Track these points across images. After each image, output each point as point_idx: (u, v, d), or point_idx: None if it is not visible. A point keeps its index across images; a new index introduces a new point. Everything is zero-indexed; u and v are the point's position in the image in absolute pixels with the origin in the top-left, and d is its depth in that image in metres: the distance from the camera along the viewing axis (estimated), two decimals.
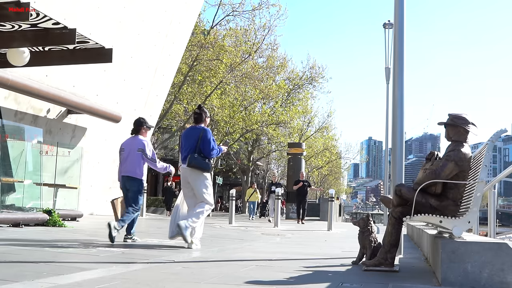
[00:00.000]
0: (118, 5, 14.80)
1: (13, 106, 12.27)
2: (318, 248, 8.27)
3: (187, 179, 7.05)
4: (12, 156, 11.63)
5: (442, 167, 4.88)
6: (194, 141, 7.00)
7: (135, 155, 7.60)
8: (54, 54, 10.18)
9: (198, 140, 6.98)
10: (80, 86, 14.07)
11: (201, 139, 6.98)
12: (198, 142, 6.98)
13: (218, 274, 4.61)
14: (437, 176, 4.83)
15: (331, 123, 47.84)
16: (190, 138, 7.08)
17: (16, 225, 9.43)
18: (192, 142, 7.03)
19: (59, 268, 4.58)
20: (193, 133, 7.08)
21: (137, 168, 7.62)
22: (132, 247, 6.94)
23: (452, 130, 5.06)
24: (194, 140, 7.02)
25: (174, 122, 29.73)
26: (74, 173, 13.74)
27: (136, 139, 7.72)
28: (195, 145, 6.97)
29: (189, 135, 7.14)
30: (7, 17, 8.21)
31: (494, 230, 7.01)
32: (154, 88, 17.73)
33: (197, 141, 6.98)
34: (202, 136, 6.99)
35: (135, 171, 7.61)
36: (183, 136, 7.27)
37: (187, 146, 7.07)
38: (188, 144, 7.07)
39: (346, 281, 4.40)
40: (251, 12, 30.38)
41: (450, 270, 4.19)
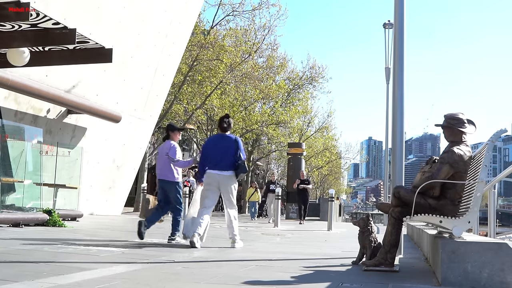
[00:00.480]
0: (118, 5, 14.80)
1: (13, 106, 12.27)
2: (318, 248, 8.27)
3: (218, 183, 7.37)
4: (12, 156, 11.63)
5: (437, 170, 4.89)
6: (231, 149, 7.38)
7: (165, 159, 7.98)
8: (54, 54, 10.19)
9: (235, 148, 7.38)
10: (80, 86, 14.07)
11: (240, 148, 7.42)
12: (237, 150, 7.38)
13: (218, 274, 4.61)
14: (434, 179, 4.83)
15: (331, 123, 47.80)
16: (222, 146, 7.43)
17: (16, 225, 9.43)
18: (227, 150, 7.39)
19: (59, 268, 4.58)
20: (225, 141, 7.47)
21: (168, 171, 7.95)
22: (132, 247, 6.94)
23: (447, 131, 5.08)
24: (229, 148, 7.39)
25: (174, 122, 29.73)
26: (74, 173, 13.74)
27: (166, 144, 8.11)
28: (234, 153, 7.36)
29: (221, 143, 7.48)
30: (7, 17, 8.22)
31: (494, 230, 7.02)
32: (154, 88, 17.73)
33: (235, 149, 7.37)
34: (240, 146, 7.46)
35: (167, 175, 7.96)
36: (211, 143, 7.61)
37: (221, 154, 7.39)
38: (221, 152, 7.40)
39: (346, 281, 4.40)
40: (251, 12, 30.36)
41: (450, 270, 4.19)
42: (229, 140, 7.46)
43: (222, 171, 7.35)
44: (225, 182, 7.38)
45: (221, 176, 7.35)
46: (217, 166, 7.36)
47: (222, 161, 7.35)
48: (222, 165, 7.35)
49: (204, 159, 7.53)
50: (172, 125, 8.36)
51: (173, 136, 8.19)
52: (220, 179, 7.36)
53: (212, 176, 7.39)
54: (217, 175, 7.36)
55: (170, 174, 7.94)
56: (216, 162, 7.36)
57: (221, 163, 7.35)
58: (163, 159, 8.01)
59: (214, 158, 7.40)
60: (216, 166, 7.36)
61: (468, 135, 5.02)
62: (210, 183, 7.43)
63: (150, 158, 27.92)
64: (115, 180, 17.11)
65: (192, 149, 41.19)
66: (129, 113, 16.74)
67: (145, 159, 24.11)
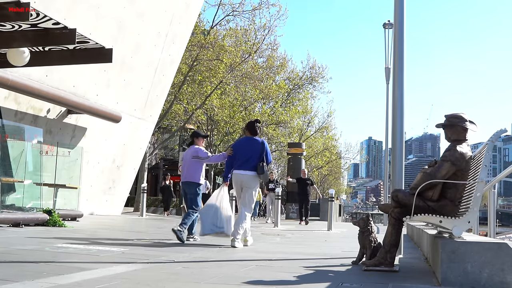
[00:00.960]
0: (118, 5, 14.80)
1: (13, 106, 12.28)
2: (318, 248, 8.27)
3: (242, 182, 7.80)
4: (12, 156, 11.63)
5: (438, 168, 4.88)
6: (257, 151, 7.78)
7: (191, 162, 8.43)
8: (54, 54, 10.19)
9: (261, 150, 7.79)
10: (80, 86, 14.08)
11: (265, 150, 7.83)
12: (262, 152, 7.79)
13: (218, 274, 4.61)
14: (433, 177, 4.83)
15: (331, 123, 47.83)
16: (249, 148, 7.83)
17: (16, 225, 9.43)
18: (253, 152, 7.78)
19: (59, 268, 4.58)
20: (253, 144, 7.86)
21: (194, 173, 8.39)
22: (132, 247, 6.94)
23: (450, 130, 5.07)
24: (255, 150, 7.79)
25: (174, 122, 29.73)
26: (74, 173, 13.75)
27: (191, 148, 8.60)
28: (259, 155, 7.76)
29: (248, 145, 7.87)
30: (7, 17, 8.21)
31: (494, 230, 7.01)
32: (154, 88, 17.73)
33: (260, 151, 7.78)
34: (266, 148, 7.86)
35: (193, 176, 8.40)
36: (239, 145, 7.99)
37: (247, 155, 7.78)
38: (248, 153, 7.79)
39: (346, 281, 4.40)
40: (251, 12, 30.39)
41: (450, 270, 4.19)
42: (257, 143, 7.85)
43: (245, 171, 7.74)
44: (247, 182, 7.77)
45: (244, 175, 7.75)
46: (242, 167, 7.77)
47: (247, 162, 7.74)
48: (246, 165, 7.75)
49: (232, 160, 7.93)
50: (197, 132, 8.89)
51: (197, 142, 8.66)
52: (243, 178, 7.76)
53: (236, 175, 7.82)
54: (241, 174, 7.76)
55: (195, 176, 8.39)
56: (241, 162, 7.78)
57: (246, 163, 7.75)
58: (187, 163, 8.46)
59: (240, 159, 7.80)
60: (241, 167, 7.77)
61: (470, 133, 5.02)
62: (235, 182, 7.88)
63: (150, 158, 27.93)
64: (115, 180, 17.11)
65: None
66: (129, 113, 16.75)
67: (145, 159, 24.11)
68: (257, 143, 7.85)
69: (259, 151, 7.77)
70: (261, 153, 7.78)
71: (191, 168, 8.42)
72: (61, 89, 13.17)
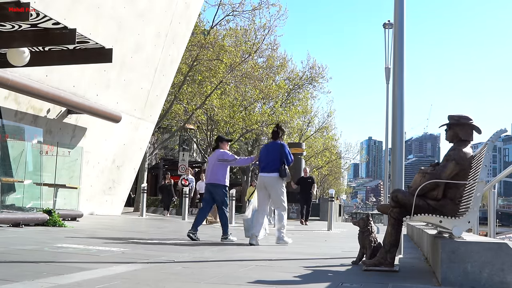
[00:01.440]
0: (118, 5, 14.80)
1: (13, 106, 12.28)
2: (318, 248, 8.27)
3: (265, 184, 8.26)
4: (12, 156, 11.63)
5: (443, 167, 4.88)
6: (277, 154, 8.23)
7: (216, 165, 8.82)
8: (54, 54, 10.19)
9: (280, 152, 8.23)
10: (80, 86, 14.08)
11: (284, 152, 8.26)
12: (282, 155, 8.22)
13: (218, 274, 4.61)
14: (438, 177, 4.83)
15: (331, 123, 47.83)
16: (271, 152, 8.33)
17: (16, 225, 9.43)
18: (275, 155, 8.25)
19: (59, 268, 4.58)
20: (274, 147, 8.35)
21: (219, 176, 8.79)
22: (132, 247, 6.94)
23: (461, 130, 5.05)
24: (276, 153, 8.26)
25: (174, 122, 29.74)
26: (74, 173, 13.75)
27: (217, 152, 8.96)
28: (279, 158, 8.20)
29: (270, 149, 8.41)
30: (7, 17, 8.21)
31: (494, 230, 7.01)
32: (154, 88, 17.73)
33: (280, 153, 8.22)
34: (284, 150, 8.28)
35: (218, 178, 8.79)
36: (264, 149, 8.54)
37: (269, 158, 8.29)
38: (269, 157, 8.30)
39: (346, 281, 4.40)
40: (251, 12, 30.39)
41: (450, 270, 4.19)
42: (277, 146, 8.32)
43: (268, 174, 8.23)
44: (270, 183, 8.23)
45: (267, 177, 8.24)
46: (265, 169, 8.29)
47: (269, 164, 8.24)
48: (268, 168, 8.24)
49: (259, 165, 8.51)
50: (221, 137, 9.31)
51: (222, 146, 9.05)
52: (266, 180, 8.25)
53: (260, 178, 8.34)
54: (264, 177, 8.27)
55: (220, 178, 8.79)
56: (264, 165, 8.30)
57: (267, 166, 8.25)
58: (212, 165, 8.87)
59: (263, 162, 8.35)
60: (264, 169, 8.30)
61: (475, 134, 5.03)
62: (259, 185, 8.39)
63: (150, 158, 27.93)
64: (115, 180, 17.11)
65: (192, 149, 41.20)
66: (129, 113, 16.75)
67: (145, 159, 24.11)
68: (277, 146, 8.30)
69: (279, 154, 8.20)
70: (281, 155, 8.19)
71: (216, 170, 8.80)
72: (61, 89, 13.17)
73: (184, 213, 17.47)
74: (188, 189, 18.42)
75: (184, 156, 30.81)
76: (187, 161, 30.06)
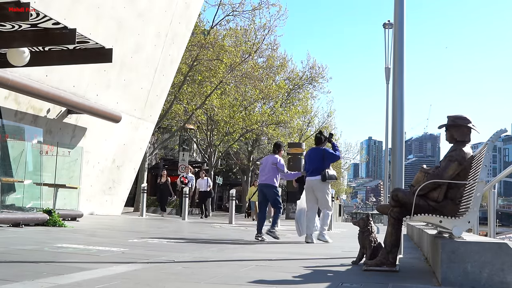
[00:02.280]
0: (118, 5, 14.80)
1: (13, 106, 12.28)
2: (318, 248, 8.27)
3: (313, 187, 9.04)
4: (12, 156, 11.62)
5: (445, 168, 4.88)
6: (321, 160, 9.01)
7: (270, 168, 9.73)
8: (54, 54, 10.18)
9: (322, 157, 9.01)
10: (80, 86, 14.08)
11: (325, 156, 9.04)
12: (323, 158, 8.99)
13: (218, 274, 4.61)
14: (440, 178, 4.83)
15: (331, 123, 47.78)
16: (315, 157, 9.13)
17: (16, 225, 9.43)
18: (318, 160, 9.03)
19: (59, 268, 4.59)
20: (317, 153, 9.15)
21: (272, 178, 9.71)
22: (132, 247, 6.95)
23: (456, 131, 5.06)
24: (319, 158, 9.04)
25: (174, 122, 29.72)
26: (74, 173, 13.74)
27: (272, 157, 9.90)
28: (322, 162, 8.97)
29: (313, 154, 9.23)
30: (7, 17, 8.21)
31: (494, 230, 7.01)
32: (154, 88, 17.73)
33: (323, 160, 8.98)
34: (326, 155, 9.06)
35: (272, 180, 9.72)
36: (308, 155, 9.39)
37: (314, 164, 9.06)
38: (314, 162, 9.07)
39: (346, 281, 4.40)
40: (251, 12, 30.39)
41: (450, 270, 4.19)
42: (319, 151, 9.15)
43: (314, 177, 9.01)
44: (315, 186, 9.03)
45: (313, 181, 9.04)
46: (312, 174, 9.07)
47: (315, 170, 9.02)
48: (314, 172, 9.02)
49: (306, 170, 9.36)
50: (279, 144, 10.27)
51: (278, 152, 10.00)
52: (312, 183, 9.06)
53: (307, 181, 9.15)
54: (310, 180, 9.09)
55: (273, 180, 9.71)
56: (311, 170, 9.09)
57: (314, 171, 9.03)
58: (267, 168, 9.76)
59: (310, 167, 9.16)
60: (311, 174, 9.09)
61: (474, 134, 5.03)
62: (307, 187, 9.20)
63: (150, 158, 27.92)
64: (115, 180, 17.11)
65: (192, 149, 41.20)
66: (129, 113, 16.75)
67: (145, 159, 24.11)
68: (320, 151, 9.13)
69: (322, 159, 9.00)
70: (324, 160, 8.99)
71: (270, 173, 9.72)
72: (61, 89, 13.17)
73: (184, 213, 17.45)
74: (188, 189, 18.33)
75: (184, 156, 30.81)
76: (187, 161, 30.06)
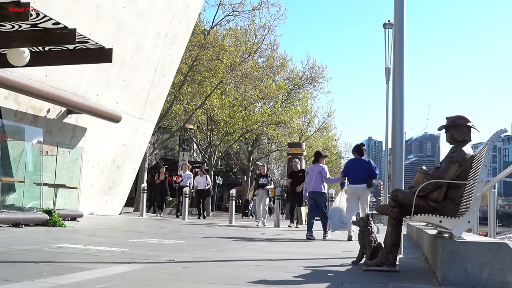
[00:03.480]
0: (118, 5, 14.79)
1: (13, 106, 12.27)
2: (317, 248, 8.28)
3: (358, 194, 10.10)
4: (12, 156, 11.62)
5: (445, 170, 4.87)
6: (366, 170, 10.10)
7: (318, 176, 11.04)
8: (54, 54, 10.17)
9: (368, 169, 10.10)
10: (80, 86, 14.07)
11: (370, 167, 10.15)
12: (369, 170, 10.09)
13: (218, 274, 4.62)
14: (440, 179, 4.82)
15: (331, 123, 47.78)
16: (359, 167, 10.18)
17: (16, 225, 9.43)
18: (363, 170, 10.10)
19: (59, 268, 4.58)
20: (362, 163, 10.22)
21: (320, 185, 11.06)
22: (132, 247, 6.95)
23: (456, 131, 5.06)
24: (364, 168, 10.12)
25: (174, 122, 29.72)
26: (74, 173, 13.74)
27: (317, 165, 11.26)
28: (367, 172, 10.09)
29: (357, 164, 10.26)
30: (7, 17, 8.21)
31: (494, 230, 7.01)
32: (154, 88, 17.72)
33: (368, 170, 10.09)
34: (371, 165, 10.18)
35: (320, 187, 11.07)
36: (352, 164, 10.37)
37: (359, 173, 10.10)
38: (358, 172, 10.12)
39: (346, 281, 4.40)
40: (251, 12, 30.38)
41: (450, 270, 4.20)
42: (364, 162, 10.24)
43: (359, 185, 10.09)
44: (361, 192, 10.09)
45: (358, 188, 10.09)
46: (356, 182, 10.11)
47: (360, 178, 10.08)
48: (359, 180, 10.08)
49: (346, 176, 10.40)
50: (320, 152, 11.63)
51: (321, 160, 11.36)
52: (358, 190, 10.10)
53: (352, 188, 10.17)
54: (356, 187, 10.13)
55: (321, 187, 11.06)
56: (356, 179, 10.11)
57: (359, 179, 10.09)
58: (314, 177, 11.05)
59: (354, 176, 10.14)
60: (356, 182, 10.12)
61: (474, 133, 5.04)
62: (352, 193, 10.20)
63: (150, 158, 27.91)
64: (115, 180, 17.11)
65: (192, 149, 41.19)
66: (129, 113, 16.74)
67: (145, 159, 24.11)
68: (365, 163, 10.21)
69: (367, 169, 10.07)
70: (369, 170, 10.07)
71: (318, 181, 11.00)
72: (61, 89, 13.16)
73: (184, 213, 17.41)
74: (187, 189, 18.15)
75: (184, 156, 30.81)
76: (187, 161, 30.05)
